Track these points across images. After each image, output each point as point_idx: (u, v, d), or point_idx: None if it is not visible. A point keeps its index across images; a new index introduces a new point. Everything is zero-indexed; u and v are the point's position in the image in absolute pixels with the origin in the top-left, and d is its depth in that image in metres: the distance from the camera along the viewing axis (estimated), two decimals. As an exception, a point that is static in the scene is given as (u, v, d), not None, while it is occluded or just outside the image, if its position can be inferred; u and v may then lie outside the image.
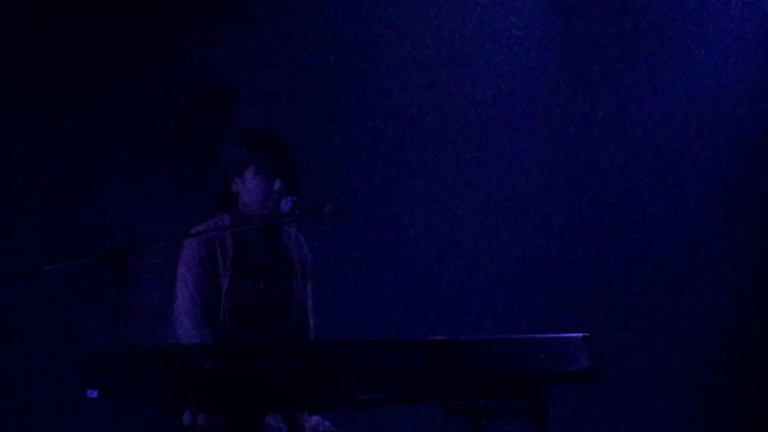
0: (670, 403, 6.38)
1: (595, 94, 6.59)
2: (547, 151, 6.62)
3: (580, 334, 4.09)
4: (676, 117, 6.52)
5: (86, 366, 3.59)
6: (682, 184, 6.51)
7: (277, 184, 4.21)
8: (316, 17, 6.47)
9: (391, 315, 6.37)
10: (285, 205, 4.18)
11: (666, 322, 6.44)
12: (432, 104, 6.57)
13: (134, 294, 3.79)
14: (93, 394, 3.54)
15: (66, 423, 5.80)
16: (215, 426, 3.48)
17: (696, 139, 6.50)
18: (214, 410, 3.46)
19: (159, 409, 3.77)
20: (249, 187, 4.23)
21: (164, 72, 6.23)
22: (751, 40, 6.48)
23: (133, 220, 5.96)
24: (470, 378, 3.80)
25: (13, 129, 5.98)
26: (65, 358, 5.62)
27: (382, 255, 6.46)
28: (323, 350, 3.62)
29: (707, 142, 6.49)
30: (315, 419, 4.21)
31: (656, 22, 6.56)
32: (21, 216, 5.94)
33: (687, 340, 6.40)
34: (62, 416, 5.79)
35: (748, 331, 6.39)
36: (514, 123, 6.63)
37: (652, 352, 6.41)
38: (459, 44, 6.61)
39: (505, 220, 6.58)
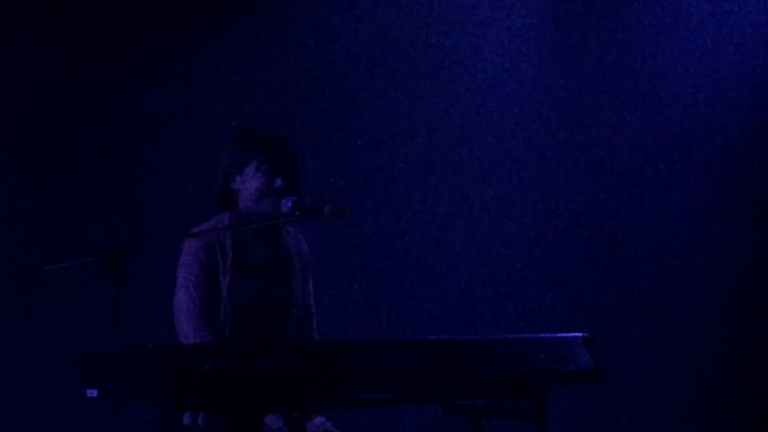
0: (670, 403, 6.38)
1: (597, 94, 6.59)
2: (547, 151, 6.62)
3: (580, 334, 4.09)
4: (677, 117, 6.52)
5: (86, 366, 3.59)
6: (683, 184, 6.51)
7: (278, 183, 4.21)
8: (316, 18, 6.47)
9: (391, 315, 6.36)
10: (285, 205, 4.18)
11: (666, 321, 6.44)
12: (432, 104, 6.57)
13: (134, 294, 3.78)
14: (93, 394, 3.54)
15: (66, 423, 5.79)
16: (215, 426, 3.48)
17: (697, 139, 6.50)
18: (214, 410, 3.46)
19: (159, 409, 3.77)
20: (248, 184, 4.24)
21: (164, 72, 6.23)
22: (753, 39, 6.47)
23: (133, 220, 5.96)
24: (470, 378, 3.80)
25: (12, 129, 5.97)
26: (65, 358, 5.61)
27: (382, 255, 6.46)
28: (323, 350, 3.63)
29: (708, 142, 6.49)
30: (317, 420, 4.21)
31: (656, 21, 6.56)
32: (21, 216, 5.94)
33: (687, 340, 6.40)
34: (62, 416, 5.79)
35: (748, 330, 6.39)
36: (514, 123, 6.63)
37: (652, 352, 6.41)
38: (459, 44, 6.60)
39: (506, 219, 6.58)
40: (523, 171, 6.62)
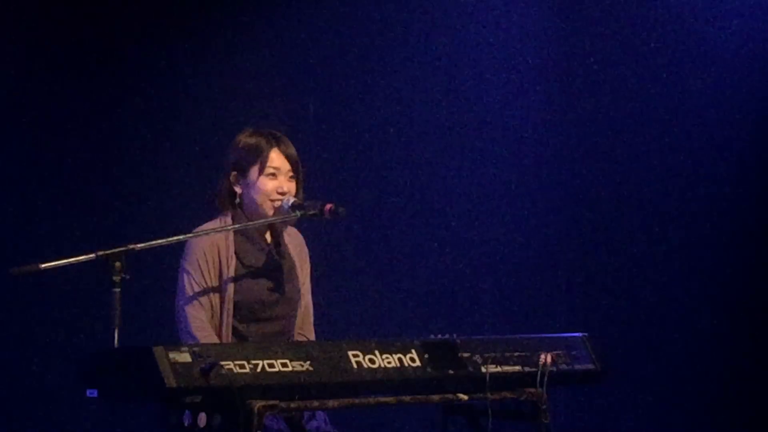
0: (670, 403, 6.37)
1: (598, 94, 6.58)
2: (547, 151, 6.61)
3: (580, 334, 4.09)
4: (677, 117, 6.51)
5: (85, 366, 3.59)
6: (683, 184, 6.50)
7: (285, 186, 4.23)
8: (316, 18, 6.47)
9: (391, 315, 6.37)
10: (285, 205, 4.20)
11: (666, 321, 6.44)
12: (432, 104, 6.57)
13: (134, 294, 3.80)
14: (93, 394, 3.54)
15: (66, 423, 5.80)
16: (215, 426, 3.48)
17: (697, 140, 6.49)
18: (214, 410, 3.46)
19: (159, 409, 3.77)
20: (253, 188, 4.24)
21: (164, 72, 6.23)
22: (755, 37, 6.46)
23: (133, 220, 5.97)
24: (470, 378, 3.81)
25: (13, 129, 5.98)
26: (65, 358, 5.62)
27: (382, 255, 6.47)
28: (323, 350, 3.63)
29: (708, 143, 6.49)
30: (316, 420, 4.21)
31: (657, 22, 6.56)
32: (21, 216, 5.94)
33: (687, 340, 6.39)
34: (62, 416, 5.79)
35: (748, 330, 6.38)
36: (514, 123, 6.62)
37: (652, 352, 6.41)
38: (459, 44, 6.60)
39: (506, 219, 6.58)
40: (523, 170, 6.62)
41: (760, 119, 6.46)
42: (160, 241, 3.94)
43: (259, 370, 3.49)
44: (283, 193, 4.23)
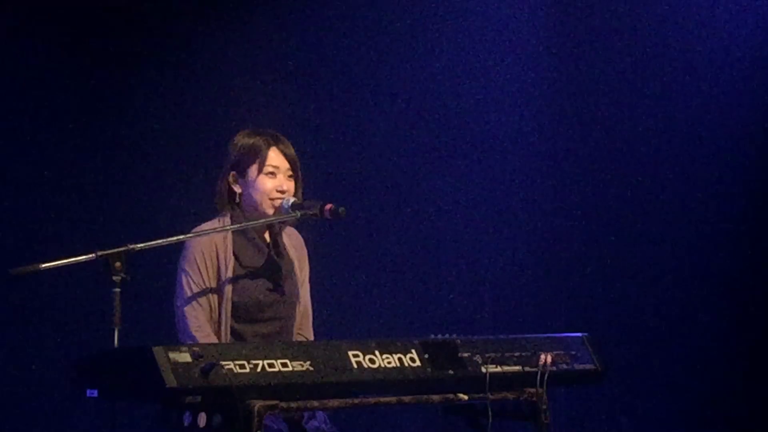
0: (670, 403, 6.38)
1: (597, 94, 6.58)
2: (548, 151, 6.62)
3: (580, 334, 4.09)
4: (677, 117, 6.52)
5: (85, 366, 3.59)
6: (683, 185, 6.51)
7: (282, 184, 4.23)
8: (316, 17, 6.47)
9: (391, 315, 6.36)
10: (285, 204, 4.20)
11: (666, 322, 6.44)
12: (432, 104, 6.57)
13: (134, 294, 3.80)
14: (93, 394, 3.54)
15: (66, 423, 5.80)
16: (215, 426, 3.48)
17: (697, 140, 6.49)
18: (214, 410, 3.46)
19: (159, 409, 3.77)
20: (252, 187, 4.24)
21: (164, 72, 6.23)
22: (756, 35, 6.46)
23: (133, 220, 5.97)
24: (470, 378, 3.80)
25: (13, 129, 5.98)
26: (65, 358, 5.62)
27: (381, 255, 6.46)
28: (323, 350, 3.63)
29: (708, 143, 6.49)
30: (316, 420, 4.21)
31: (658, 23, 6.56)
32: (21, 216, 5.94)
33: (687, 340, 6.39)
34: (62, 416, 5.79)
35: (747, 330, 6.39)
36: (514, 123, 6.62)
37: (652, 352, 6.41)
38: (459, 44, 6.60)
39: (506, 219, 6.58)
40: (524, 171, 6.62)
41: (760, 120, 6.46)
42: (159, 241, 3.94)
43: (259, 370, 3.48)
44: (282, 192, 4.23)
